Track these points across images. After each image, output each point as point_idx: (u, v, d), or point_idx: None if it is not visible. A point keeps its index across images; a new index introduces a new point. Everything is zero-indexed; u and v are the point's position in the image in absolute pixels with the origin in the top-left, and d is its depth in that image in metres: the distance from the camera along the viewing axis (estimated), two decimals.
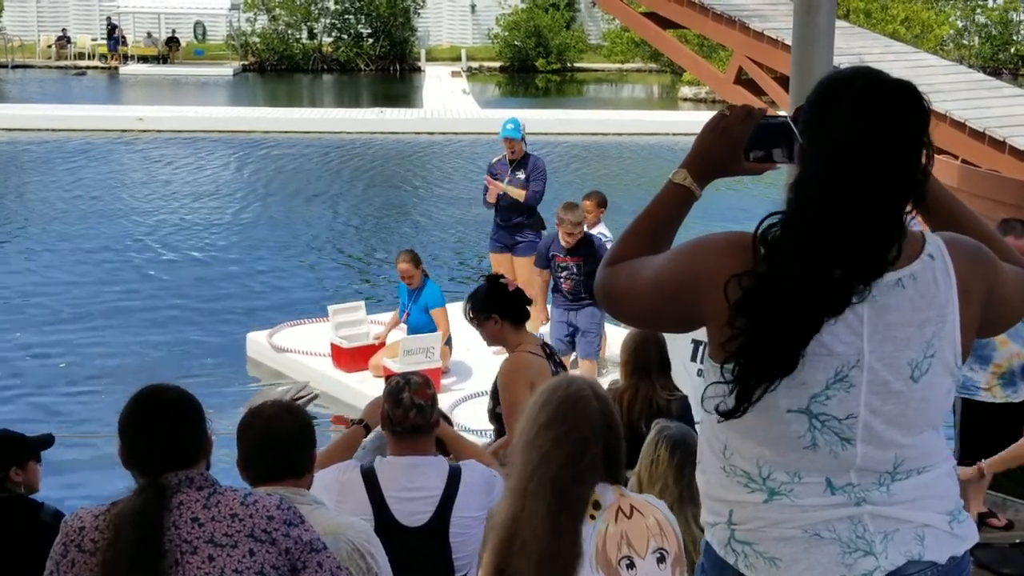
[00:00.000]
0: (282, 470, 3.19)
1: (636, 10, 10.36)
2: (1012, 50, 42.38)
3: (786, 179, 2.24)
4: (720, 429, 2.16)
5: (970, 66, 25.08)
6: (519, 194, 9.72)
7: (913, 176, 1.99)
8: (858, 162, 1.96)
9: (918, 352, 2.06)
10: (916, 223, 2.12)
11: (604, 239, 9.41)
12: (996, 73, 32.21)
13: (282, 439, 3.21)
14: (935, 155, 2.06)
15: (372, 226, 17.39)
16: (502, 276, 5.67)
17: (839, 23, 10.93)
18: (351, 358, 9.54)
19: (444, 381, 9.11)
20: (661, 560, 2.85)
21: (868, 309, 2.02)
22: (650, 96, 39.96)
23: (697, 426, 2.34)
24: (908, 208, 2.04)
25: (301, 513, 2.74)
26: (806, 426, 2.06)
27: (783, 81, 9.35)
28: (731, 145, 2.23)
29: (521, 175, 9.76)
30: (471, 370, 9.56)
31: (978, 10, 42.22)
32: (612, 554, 2.80)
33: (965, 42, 41.55)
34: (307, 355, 9.90)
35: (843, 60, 3.50)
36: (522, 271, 9.72)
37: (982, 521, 4.42)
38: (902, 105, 2.00)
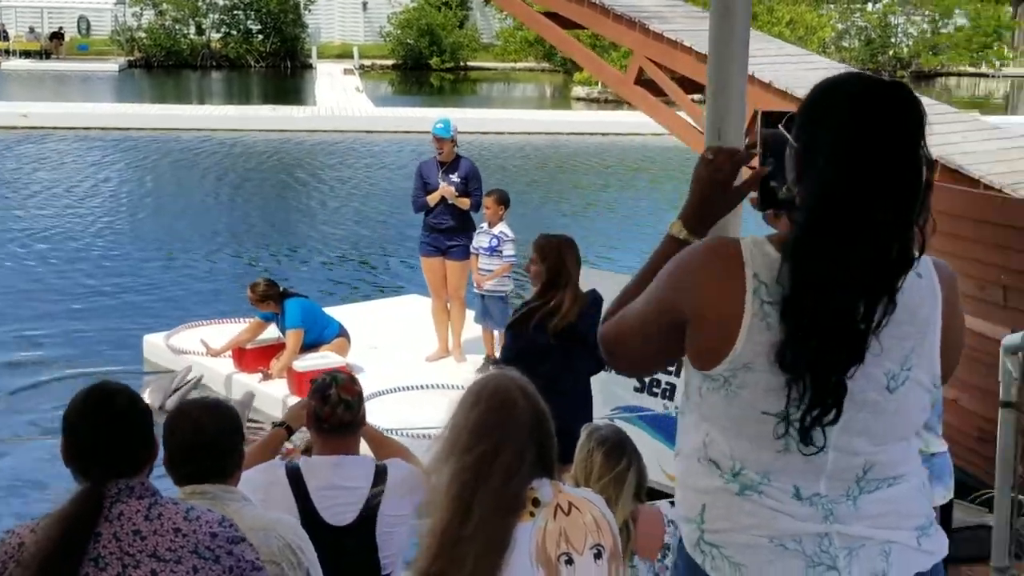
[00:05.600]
0: (210, 471, 3.16)
1: (535, 10, 10.41)
2: (891, 53, 43.68)
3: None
4: (700, 421, 2.20)
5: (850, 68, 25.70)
6: (464, 203, 9.48)
7: (917, 176, 2.02)
8: (861, 162, 1.99)
9: (895, 364, 2.10)
10: None
11: (505, 238, 9.46)
12: (875, 74, 33.11)
13: (210, 439, 3.18)
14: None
15: (267, 225, 17.18)
16: None
17: None
18: (252, 358, 9.45)
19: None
20: (598, 556, 2.89)
21: None
22: (544, 95, 40.21)
23: (679, 416, 2.38)
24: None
25: (241, 531, 2.72)
26: (782, 429, 2.09)
27: (682, 81, 9.50)
28: (722, 189, 2.29)
29: (455, 177, 9.47)
30: (375, 369, 9.53)
31: (857, 13, 43.43)
32: (551, 550, 2.83)
33: (845, 44, 42.70)
34: (207, 356, 9.75)
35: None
36: (454, 275, 9.64)
37: None
38: (899, 104, 2.03)
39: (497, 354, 9.70)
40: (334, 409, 3.90)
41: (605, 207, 19.24)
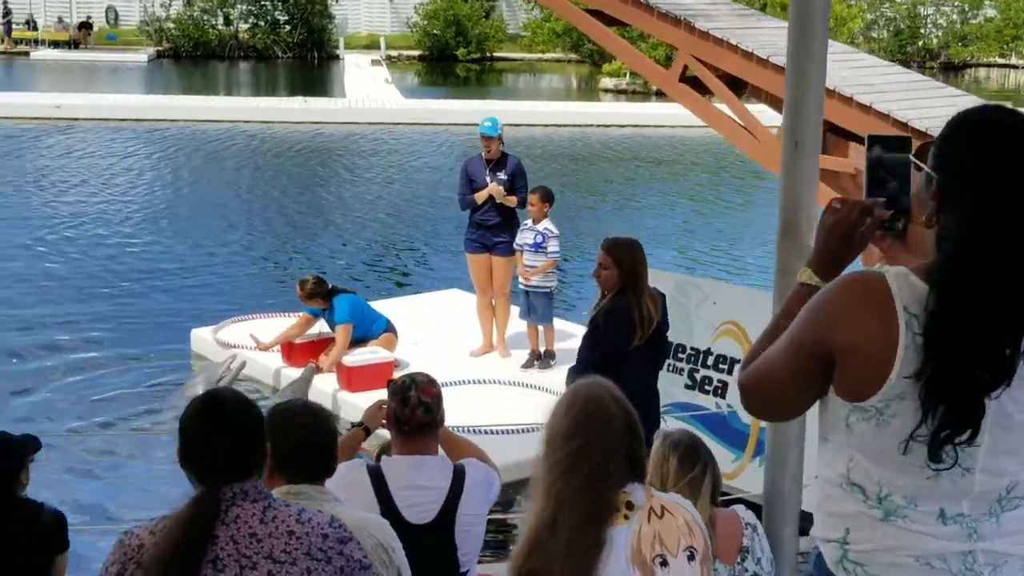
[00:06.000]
0: (316, 471, 3.26)
1: (579, 7, 10.45)
2: (920, 43, 43.43)
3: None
4: (845, 448, 2.26)
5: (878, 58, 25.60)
6: (512, 201, 9.53)
7: None
8: (1009, 193, 2.07)
9: None
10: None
11: (550, 234, 9.54)
12: (904, 65, 32.98)
13: (318, 441, 3.28)
14: None
15: (305, 218, 17.28)
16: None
17: (772, 22, 11.19)
18: (301, 353, 9.56)
19: (396, 374, 9.17)
20: (691, 558, 2.97)
21: None
22: (571, 87, 40.20)
23: (819, 441, 2.44)
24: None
25: (349, 530, 2.81)
26: (922, 449, 2.16)
27: (726, 79, 9.53)
28: (847, 238, 2.35)
29: (502, 175, 9.55)
30: (419, 365, 9.61)
31: (886, 3, 43.19)
32: (646, 552, 2.91)
33: (874, 35, 42.47)
34: (256, 350, 9.86)
35: (785, 60, 3.64)
36: (500, 272, 9.71)
37: None
38: None
39: (541, 349, 9.80)
40: (414, 411, 3.99)
41: (630, 199, 19.28)
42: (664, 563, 2.92)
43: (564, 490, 2.84)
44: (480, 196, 9.55)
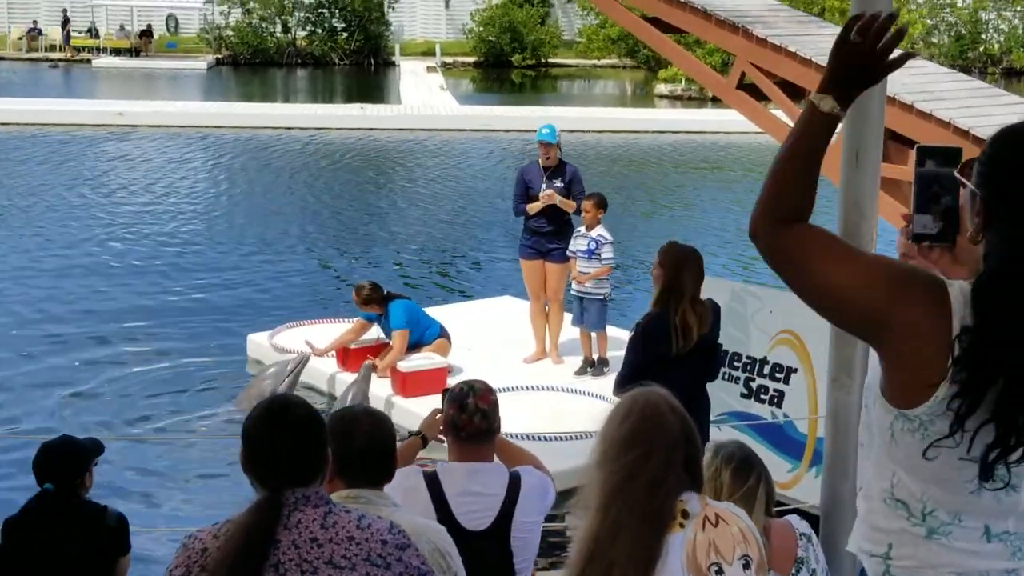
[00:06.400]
0: (375, 476, 3.29)
1: (637, 14, 10.45)
2: (981, 49, 42.89)
3: None
4: (888, 460, 2.22)
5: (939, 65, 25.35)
6: (570, 206, 9.53)
7: None
8: None
9: None
10: None
11: (604, 241, 9.53)
12: (965, 71, 32.60)
13: (380, 447, 3.31)
14: None
15: (360, 224, 17.42)
16: None
17: (830, 28, 11.11)
18: (356, 358, 9.63)
19: (450, 381, 9.21)
20: (746, 566, 2.96)
21: None
22: (626, 92, 40.13)
23: (860, 449, 2.41)
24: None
25: (408, 536, 2.83)
26: (975, 472, 2.12)
27: (784, 86, 9.48)
28: (866, 57, 2.19)
29: (559, 183, 9.55)
30: (472, 371, 9.65)
31: (947, 9, 42.69)
32: (702, 560, 2.90)
33: (935, 40, 42.02)
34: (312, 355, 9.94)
35: None
36: (554, 278, 9.73)
37: None
38: None
39: (595, 356, 9.79)
40: (471, 418, 4.01)
41: (688, 206, 19.22)
42: (720, 571, 2.92)
43: (622, 499, 2.84)
44: (533, 208, 9.57)
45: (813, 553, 3.68)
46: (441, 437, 4.24)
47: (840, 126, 2.34)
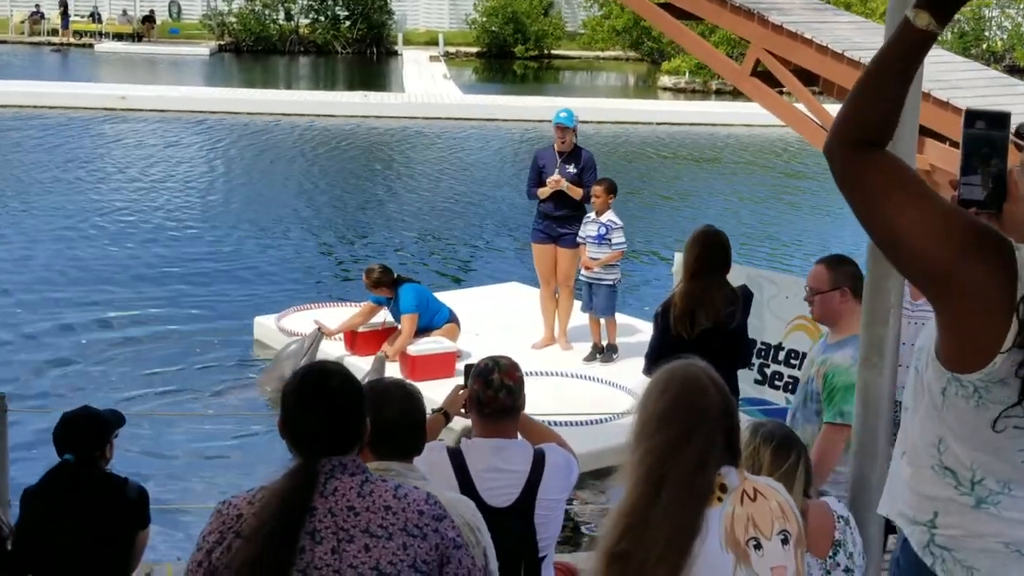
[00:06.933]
0: (409, 449, 3.26)
1: (651, 1, 10.39)
2: (984, 46, 42.82)
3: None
4: (937, 425, 2.16)
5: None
6: (576, 192, 9.49)
7: None
8: None
9: None
10: None
11: (614, 226, 9.49)
12: None
13: (411, 420, 3.28)
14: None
15: (364, 210, 17.37)
16: None
17: (846, 16, 11.07)
18: (364, 341, 9.59)
19: (459, 365, 9.17)
20: (785, 541, 2.92)
21: None
22: (630, 84, 40.05)
23: (904, 413, 2.35)
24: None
25: (444, 508, 2.79)
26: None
27: (800, 73, 9.44)
28: None
29: (572, 168, 9.51)
30: (481, 356, 9.60)
31: None
32: (740, 535, 2.86)
33: (938, 36, 41.90)
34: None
35: (861, 55, 3.56)
36: (565, 263, 9.70)
37: None
38: None
39: (604, 343, 9.76)
40: (496, 393, 3.97)
41: (692, 195, 19.18)
42: (758, 546, 2.88)
43: (663, 474, 2.79)
44: (543, 192, 9.56)
45: (851, 536, 3.64)
46: (464, 413, 4.21)
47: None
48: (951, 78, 8.82)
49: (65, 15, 41.39)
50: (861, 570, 3.64)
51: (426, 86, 31.04)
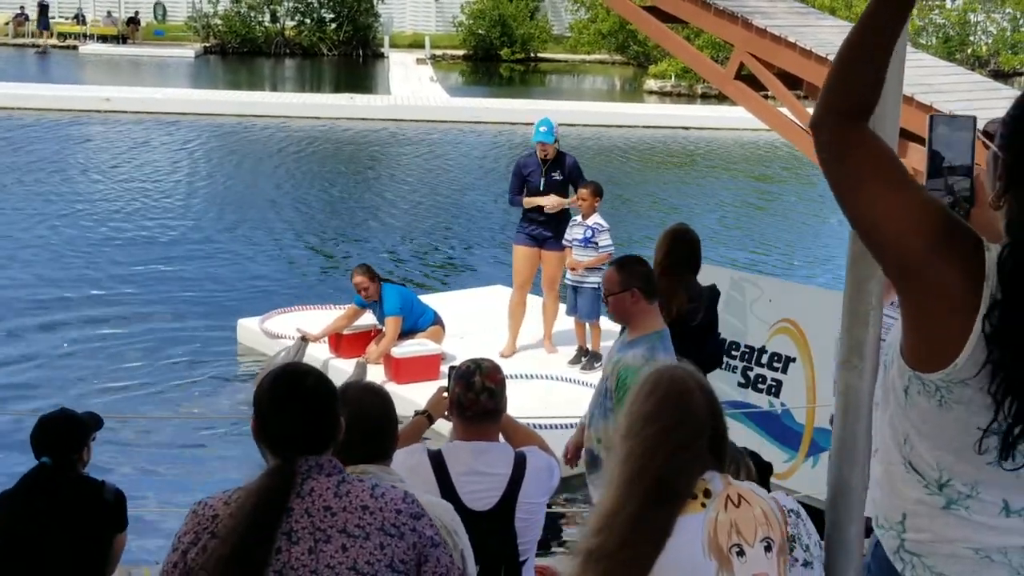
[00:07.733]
0: (382, 452, 3.23)
1: (635, 3, 10.40)
2: (969, 51, 42.99)
3: None
4: (902, 422, 2.13)
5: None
6: (574, 202, 9.48)
7: None
8: None
9: None
10: None
11: (600, 228, 9.47)
12: None
13: (386, 422, 3.25)
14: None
15: (350, 213, 17.34)
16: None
17: (829, 20, 11.09)
18: (349, 344, 9.56)
19: (443, 368, 9.15)
20: (768, 549, 2.91)
21: None
22: (616, 88, 40.10)
23: (876, 409, 2.32)
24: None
25: (422, 507, 2.77)
26: (994, 443, 2.03)
27: (783, 77, 9.45)
28: None
29: (557, 176, 9.47)
30: (465, 359, 9.58)
31: (936, 10, 42.78)
32: (723, 541, 2.85)
33: (923, 41, 42.08)
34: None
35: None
36: (551, 266, 9.67)
37: None
38: None
39: (589, 346, 9.73)
40: (478, 396, 3.95)
41: (673, 198, 19.20)
42: (741, 552, 2.87)
43: (639, 474, 2.79)
44: (528, 202, 9.52)
45: (803, 527, 3.61)
46: (447, 415, 4.19)
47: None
48: (934, 82, 8.84)
49: (43, 16, 41.16)
50: (820, 560, 3.61)
51: (412, 88, 31.02)
